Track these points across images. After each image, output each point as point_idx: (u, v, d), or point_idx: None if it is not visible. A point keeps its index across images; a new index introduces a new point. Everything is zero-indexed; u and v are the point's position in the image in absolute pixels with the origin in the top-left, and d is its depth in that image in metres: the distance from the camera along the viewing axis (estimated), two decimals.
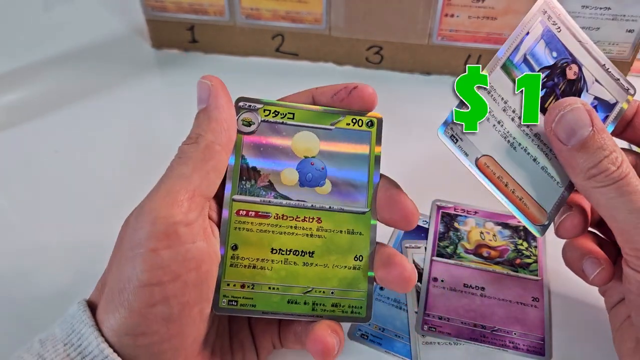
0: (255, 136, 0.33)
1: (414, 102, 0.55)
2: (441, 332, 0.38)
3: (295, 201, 0.33)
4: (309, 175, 0.34)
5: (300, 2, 0.54)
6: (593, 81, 0.34)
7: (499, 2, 0.51)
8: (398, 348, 0.38)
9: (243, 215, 0.32)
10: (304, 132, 0.34)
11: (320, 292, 0.33)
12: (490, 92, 0.32)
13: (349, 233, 0.33)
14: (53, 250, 0.44)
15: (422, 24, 0.54)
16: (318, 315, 0.32)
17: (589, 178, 0.31)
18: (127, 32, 0.63)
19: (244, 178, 0.33)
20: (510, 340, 0.38)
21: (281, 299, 0.32)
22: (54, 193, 0.47)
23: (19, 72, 0.58)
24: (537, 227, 0.33)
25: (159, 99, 0.57)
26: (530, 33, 0.33)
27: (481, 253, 0.43)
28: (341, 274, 0.33)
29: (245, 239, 0.32)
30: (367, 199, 0.34)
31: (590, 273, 0.34)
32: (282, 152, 0.34)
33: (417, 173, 0.49)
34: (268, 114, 0.34)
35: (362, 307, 0.33)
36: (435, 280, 0.41)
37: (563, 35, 0.33)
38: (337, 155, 0.34)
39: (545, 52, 0.33)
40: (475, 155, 0.32)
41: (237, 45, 0.59)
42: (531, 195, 0.33)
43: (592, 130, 0.31)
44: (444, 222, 0.45)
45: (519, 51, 0.33)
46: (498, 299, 0.40)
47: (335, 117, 0.34)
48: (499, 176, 0.33)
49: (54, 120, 0.53)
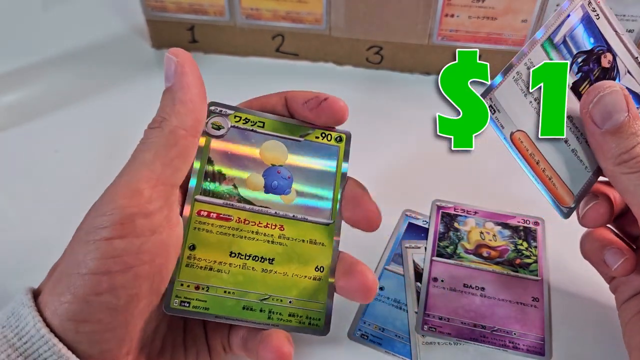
0: (224, 140, 0.33)
1: (414, 102, 0.55)
2: (441, 332, 0.38)
3: (258, 207, 0.33)
4: (275, 183, 0.33)
5: (300, 2, 0.54)
6: (625, 72, 0.34)
7: (499, 2, 0.51)
8: (398, 348, 0.38)
9: (204, 216, 0.32)
10: (272, 141, 0.34)
11: (277, 301, 0.32)
12: (529, 68, 0.32)
13: (311, 243, 0.33)
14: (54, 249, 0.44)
15: (422, 24, 0.54)
16: (274, 324, 0.31)
17: (619, 163, 0.31)
18: (127, 32, 0.63)
19: (208, 179, 0.32)
20: (510, 340, 0.38)
21: (236, 304, 0.31)
22: (54, 193, 0.47)
23: (20, 72, 0.58)
24: (562, 209, 0.34)
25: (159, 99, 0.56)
26: (572, 15, 0.33)
27: (481, 253, 0.43)
28: (301, 284, 0.32)
29: (204, 239, 0.32)
30: (331, 211, 0.34)
31: (612, 263, 0.34)
32: (249, 159, 0.33)
33: (417, 173, 0.49)
34: (238, 120, 0.34)
35: (320, 319, 0.32)
36: (435, 280, 0.41)
37: (601, 23, 0.33)
38: (304, 166, 0.34)
39: (584, 37, 0.33)
40: (510, 129, 0.32)
41: (237, 45, 0.59)
42: (560, 176, 0.33)
43: (628, 115, 0.31)
44: (444, 222, 0.45)
45: (559, 32, 0.33)
46: (498, 299, 0.40)
47: (305, 130, 0.34)
48: (531, 153, 0.33)
49: (54, 120, 0.53)
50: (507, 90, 0.32)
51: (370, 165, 0.49)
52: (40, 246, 0.44)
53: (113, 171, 0.49)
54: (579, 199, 0.34)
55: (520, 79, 0.32)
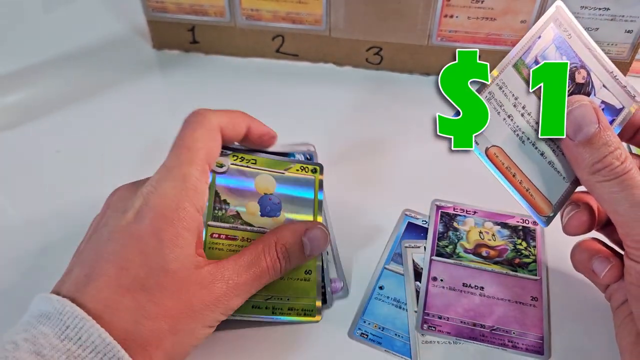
0: (226, 175, 0.41)
1: (414, 102, 0.55)
2: (441, 331, 0.38)
3: (257, 227, 0.40)
4: (268, 208, 0.41)
5: (300, 3, 0.55)
6: (601, 86, 0.35)
7: (498, 3, 0.52)
8: (398, 347, 0.38)
9: (216, 238, 0.39)
10: (263, 175, 0.41)
11: (278, 299, 0.38)
12: (501, 87, 0.34)
13: None
14: (54, 249, 0.44)
15: (422, 25, 0.54)
16: (277, 316, 0.38)
17: (593, 172, 0.32)
18: (128, 33, 0.63)
19: (216, 208, 0.39)
20: (510, 340, 0.38)
21: (247, 304, 0.37)
22: (56, 193, 0.47)
23: (21, 73, 0.58)
24: (542, 218, 0.35)
25: (159, 100, 0.57)
26: (542, 37, 0.34)
27: (480, 253, 0.43)
28: (294, 285, 0.39)
29: (218, 256, 0.38)
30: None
31: (600, 271, 0.36)
32: (247, 190, 0.41)
33: (416, 173, 0.49)
34: (236, 159, 0.41)
35: (312, 309, 0.39)
36: (434, 279, 0.41)
37: (573, 41, 0.35)
38: (289, 194, 0.42)
39: (556, 55, 0.34)
40: (485, 145, 0.34)
41: (238, 46, 0.59)
42: (538, 187, 0.35)
43: (598, 127, 0.32)
44: (443, 221, 0.45)
45: (531, 52, 0.34)
46: (497, 299, 0.40)
47: (287, 165, 0.43)
48: (507, 167, 0.34)
49: (56, 120, 0.54)
50: None
51: (370, 165, 0.50)
52: (41, 246, 0.44)
53: (114, 171, 0.49)
54: (557, 208, 0.35)
55: (492, 98, 0.34)
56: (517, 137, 0.34)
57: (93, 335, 0.29)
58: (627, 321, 0.35)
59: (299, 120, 0.54)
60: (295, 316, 0.39)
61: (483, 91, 0.33)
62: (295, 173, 0.42)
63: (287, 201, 0.41)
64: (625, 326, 0.35)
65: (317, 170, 0.43)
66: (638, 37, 0.52)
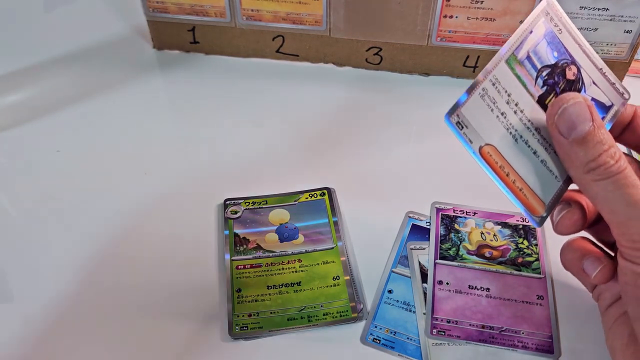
0: (242, 219, 0.45)
1: (413, 102, 0.56)
2: (450, 335, 0.39)
3: (279, 252, 0.44)
4: (285, 234, 0.45)
5: (300, 4, 0.55)
6: (590, 83, 0.35)
7: (497, 3, 0.52)
8: (411, 351, 0.38)
9: (241, 269, 0.42)
10: (276, 210, 0.46)
11: (312, 308, 0.40)
12: (494, 84, 0.33)
13: (324, 263, 0.43)
14: (54, 249, 0.44)
15: (422, 25, 0.54)
16: (314, 324, 0.39)
17: (587, 171, 0.32)
18: (128, 33, 0.63)
19: (237, 245, 0.44)
20: (519, 340, 0.38)
21: (282, 318, 0.40)
22: (56, 192, 0.47)
23: (21, 73, 0.58)
24: (535, 219, 0.34)
25: (160, 100, 0.57)
26: (534, 32, 0.34)
27: (483, 253, 0.43)
28: (325, 292, 0.41)
29: (246, 283, 0.42)
30: (332, 239, 0.44)
31: (591, 271, 0.35)
32: (262, 224, 0.45)
33: (417, 173, 0.49)
34: (248, 204, 0.46)
35: (347, 310, 0.40)
36: (440, 283, 0.41)
37: (564, 37, 0.34)
38: (304, 217, 0.46)
39: (547, 51, 0.34)
40: (479, 143, 0.33)
41: (238, 46, 0.59)
42: (531, 186, 0.34)
43: (593, 125, 0.31)
44: (444, 224, 0.45)
45: (522, 48, 0.33)
46: (503, 299, 0.40)
47: (296, 196, 0.47)
48: (500, 165, 0.33)
49: (56, 120, 0.54)
50: (473, 106, 0.33)
51: (369, 165, 0.50)
52: (41, 246, 0.44)
53: (114, 171, 0.49)
54: (550, 208, 0.34)
55: (486, 95, 0.33)
56: (511, 135, 0.33)
57: None
58: (619, 322, 0.35)
59: (299, 120, 0.54)
60: (332, 319, 0.40)
61: (477, 87, 0.33)
62: (305, 200, 0.47)
63: (303, 223, 0.45)
64: (617, 327, 0.35)
65: (325, 193, 0.47)
66: (637, 37, 0.52)
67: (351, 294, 0.41)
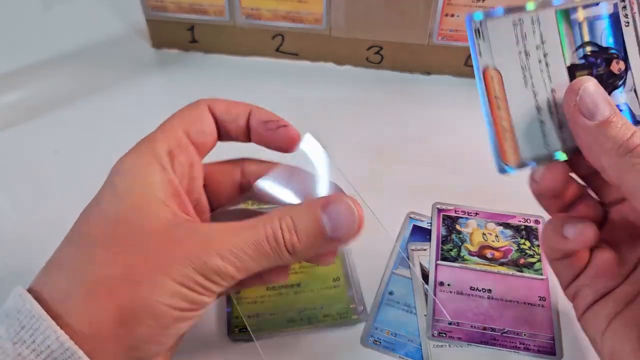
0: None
1: (414, 102, 0.55)
2: (452, 337, 0.38)
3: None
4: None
5: (300, 2, 0.54)
6: (631, 89, 0.32)
7: (498, 2, 0.51)
8: (412, 353, 0.38)
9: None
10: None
11: (312, 309, 0.40)
12: (533, 23, 0.31)
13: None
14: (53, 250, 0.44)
15: (423, 24, 0.54)
16: (314, 326, 0.39)
17: (624, 153, 0.28)
18: (127, 32, 0.63)
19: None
20: (521, 342, 0.38)
21: (282, 319, 0.39)
22: (54, 193, 0.47)
23: (19, 72, 0.58)
24: (501, 164, 0.31)
25: (159, 99, 0.57)
26: (601, 5, 0.31)
27: (485, 255, 0.43)
28: (325, 294, 0.41)
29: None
30: None
31: (572, 234, 0.31)
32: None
33: (418, 173, 0.49)
34: (248, 204, 0.42)
35: (347, 312, 0.40)
36: (441, 284, 0.41)
37: (628, 31, 0.32)
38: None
39: (604, 33, 0.32)
40: (487, 62, 0.31)
41: (237, 45, 0.59)
42: (516, 135, 0.31)
43: (613, 109, 0.29)
44: (445, 225, 0.44)
45: (580, 12, 0.31)
46: (505, 301, 0.40)
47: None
48: (496, 96, 0.31)
49: (54, 120, 0.53)
50: (502, 27, 0.30)
51: (370, 165, 0.50)
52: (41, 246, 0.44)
53: None
54: (520, 166, 0.32)
55: (519, 25, 0.31)
56: (523, 76, 0.31)
57: (49, 339, 0.27)
58: (623, 323, 0.31)
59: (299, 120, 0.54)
60: (332, 321, 0.39)
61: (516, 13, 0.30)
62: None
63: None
64: (620, 329, 0.31)
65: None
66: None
67: (351, 295, 0.41)
